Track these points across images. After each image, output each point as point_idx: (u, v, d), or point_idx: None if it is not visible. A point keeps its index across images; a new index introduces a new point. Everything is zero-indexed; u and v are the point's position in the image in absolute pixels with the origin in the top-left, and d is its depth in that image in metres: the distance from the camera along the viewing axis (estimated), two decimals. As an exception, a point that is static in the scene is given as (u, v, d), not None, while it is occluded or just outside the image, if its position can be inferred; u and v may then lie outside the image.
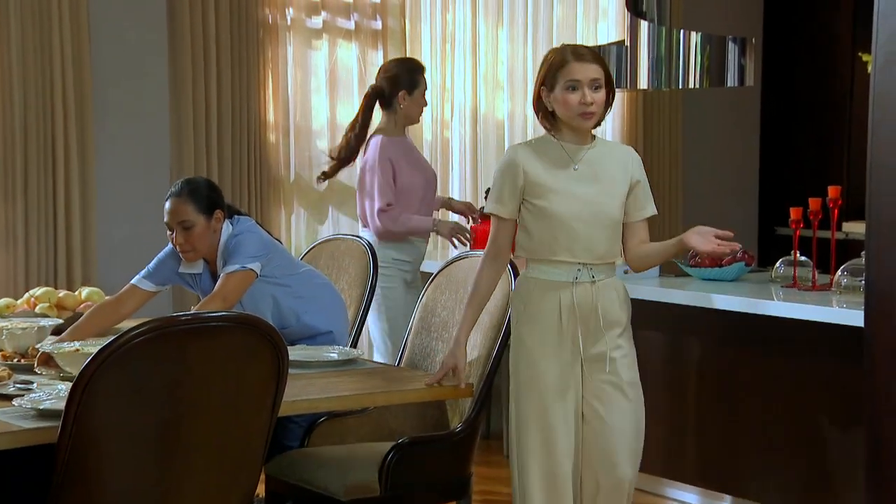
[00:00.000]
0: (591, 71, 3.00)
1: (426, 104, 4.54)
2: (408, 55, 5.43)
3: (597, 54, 3.06)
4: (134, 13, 4.89)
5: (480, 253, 3.37)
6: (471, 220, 4.69)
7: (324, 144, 5.29)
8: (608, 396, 3.03)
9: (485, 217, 4.35)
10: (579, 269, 3.03)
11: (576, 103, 3.00)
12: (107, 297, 3.65)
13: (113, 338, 2.34)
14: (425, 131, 5.53)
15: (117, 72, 4.87)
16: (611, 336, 3.04)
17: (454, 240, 4.50)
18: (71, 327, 3.36)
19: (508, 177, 3.06)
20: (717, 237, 2.99)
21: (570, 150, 3.06)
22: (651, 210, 3.13)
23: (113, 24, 4.85)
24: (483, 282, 3.11)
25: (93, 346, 2.85)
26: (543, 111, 3.08)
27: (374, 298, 3.90)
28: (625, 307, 3.09)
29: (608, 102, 3.05)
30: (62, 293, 3.67)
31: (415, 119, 4.55)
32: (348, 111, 5.34)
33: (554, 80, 3.02)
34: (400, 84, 4.44)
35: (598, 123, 3.07)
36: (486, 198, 4.65)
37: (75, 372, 2.39)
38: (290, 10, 5.19)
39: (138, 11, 4.90)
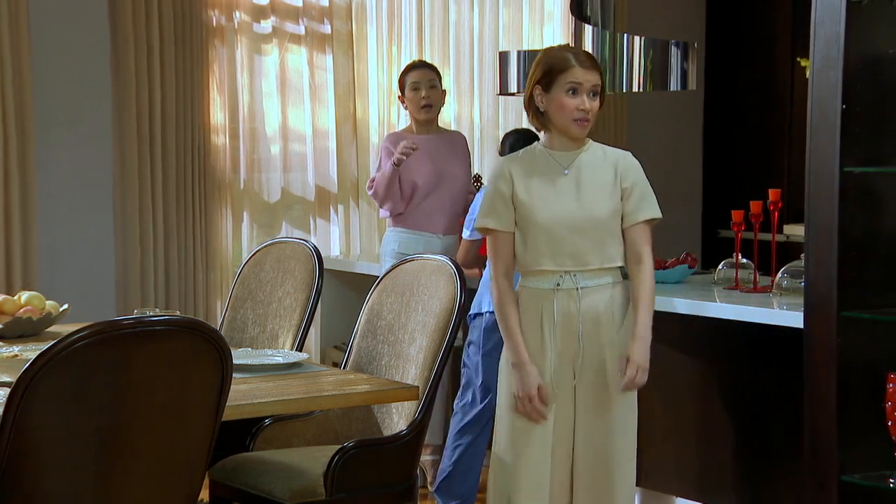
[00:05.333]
0: (593, 77, 2.98)
1: (419, 98, 4.64)
2: (355, 58, 5.43)
3: (595, 60, 3.04)
4: (75, 15, 4.83)
5: (436, 257, 3.37)
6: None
7: (276, 149, 5.26)
8: (598, 402, 3.02)
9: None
10: (562, 277, 3.00)
11: (573, 108, 2.97)
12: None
13: (52, 342, 2.31)
14: (372, 134, 5.52)
15: (58, 74, 4.81)
16: (599, 342, 3.01)
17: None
18: None
19: (497, 188, 3.04)
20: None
21: (558, 157, 3.03)
22: (645, 214, 3.04)
23: (54, 25, 4.79)
24: (507, 301, 3.04)
25: (32, 352, 2.81)
26: (534, 111, 3.04)
27: None
28: (621, 312, 3.03)
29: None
30: (1, 297, 3.61)
31: (414, 114, 4.70)
32: (300, 116, 5.32)
33: (552, 82, 2.98)
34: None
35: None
36: None
37: (13, 378, 2.36)
38: (237, 13, 5.16)
39: (80, 13, 4.84)
